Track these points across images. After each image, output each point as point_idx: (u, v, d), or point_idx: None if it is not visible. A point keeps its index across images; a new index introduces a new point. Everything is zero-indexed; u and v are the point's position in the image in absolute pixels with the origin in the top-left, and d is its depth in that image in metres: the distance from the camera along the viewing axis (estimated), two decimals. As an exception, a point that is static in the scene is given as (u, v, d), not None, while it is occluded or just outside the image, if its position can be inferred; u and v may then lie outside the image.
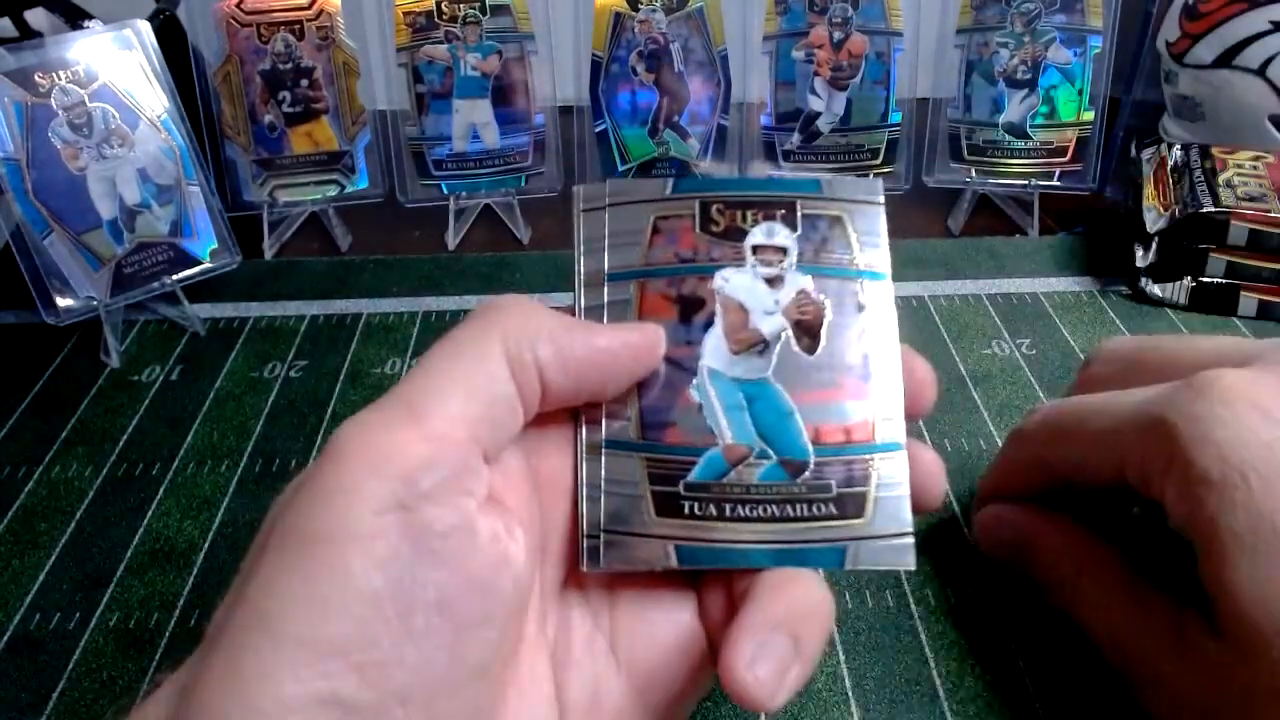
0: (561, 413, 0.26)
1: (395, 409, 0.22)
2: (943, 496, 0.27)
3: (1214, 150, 0.61)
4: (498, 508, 0.23)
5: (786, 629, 0.23)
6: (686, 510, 0.26)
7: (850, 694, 0.36)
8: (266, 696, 0.18)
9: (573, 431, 0.27)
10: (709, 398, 0.27)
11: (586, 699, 0.25)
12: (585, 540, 0.25)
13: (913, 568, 0.26)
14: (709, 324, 0.27)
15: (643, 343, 0.26)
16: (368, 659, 0.19)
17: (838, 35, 0.64)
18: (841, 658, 0.38)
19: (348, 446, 0.21)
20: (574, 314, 0.27)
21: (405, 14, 0.62)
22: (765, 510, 0.26)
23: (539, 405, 0.24)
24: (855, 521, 0.26)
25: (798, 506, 0.26)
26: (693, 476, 0.26)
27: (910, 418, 0.27)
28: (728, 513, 0.26)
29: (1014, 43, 0.64)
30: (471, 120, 0.64)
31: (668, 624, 0.26)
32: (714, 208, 0.28)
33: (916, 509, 0.26)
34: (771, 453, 0.26)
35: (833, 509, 0.26)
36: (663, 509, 0.26)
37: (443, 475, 0.21)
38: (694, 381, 0.27)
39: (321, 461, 0.21)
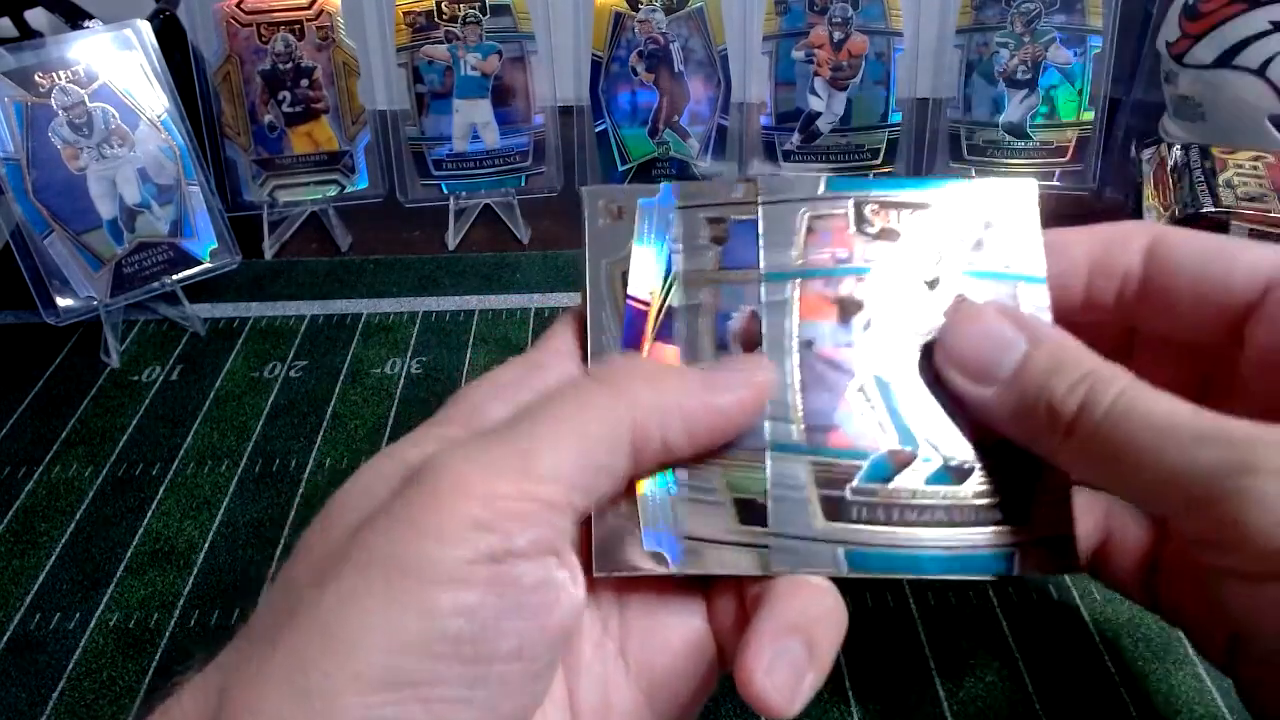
0: None
1: (507, 457, 0.21)
2: None
3: (1214, 150, 0.61)
4: (568, 556, 0.22)
5: (801, 635, 0.23)
6: (854, 515, 0.25)
7: (850, 694, 0.36)
8: (329, 713, 0.18)
9: None
10: (872, 400, 0.26)
11: (597, 703, 0.25)
12: (757, 544, 0.25)
13: (1080, 570, 0.26)
14: (868, 326, 0.27)
15: (757, 401, 0.26)
16: (435, 695, 0.19)
17: (838, 35, 0.64)
18: (841, 658, 0.38)
19: (452, 486, 0.20)
20: (625, 309, 0.27)
21: (405, 14, 0.62)
22: (932, 515, 0.25)
23: (652, 467, 0.25)
24: (1019, 526, 0.25)
25: (963, 512, 0.25)
26: (858, 480, 0.26)
27: None
28: (895, 518, 0.25)
29: (1014, 43, 0.64)
30: (471, 120, 0.64)
31: (677, 628, 0.26)
32: (868, 208, 0.28)
33: None
34: (937, 457, 0.26)
35: (997, 514, 0.26)
36: (830, 513, 0.26)
37: (538, 537, 0.21)
38: (855, 384, 0.27)
39: (420, 492, 0.20)
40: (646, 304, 0.28)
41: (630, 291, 0.28)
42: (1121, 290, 0.28)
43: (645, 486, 0.26)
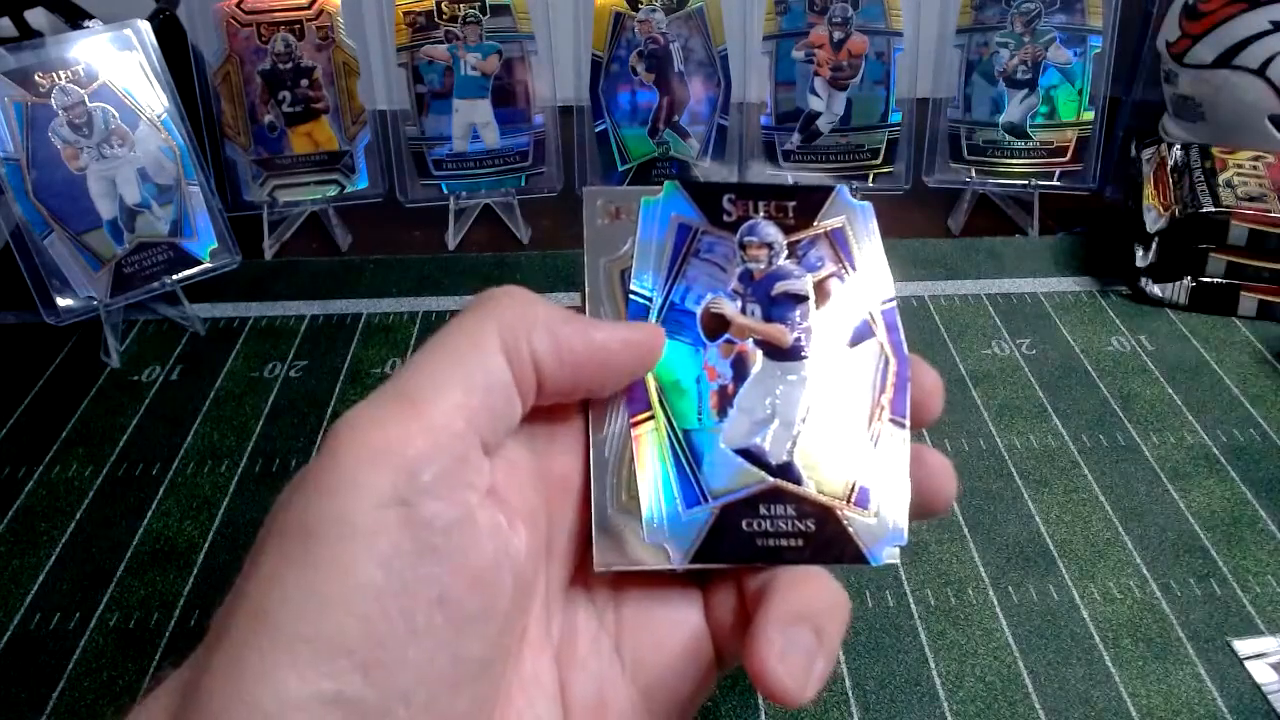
0: (572, 413, 0.26)
1: (392, 401, 0.21)
2: (953, 498, 0.27)
3: (1214, 150, 0.61)
4: (499, 501, 0.22)
5: (810, 623, 0.23)
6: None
7: (850, 694, 0.36)
8: (269, 695, 0.18)
9: (583, 433, 0.27)
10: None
11: (592, 700, 0.24)
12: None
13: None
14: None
15: (642, 340, 0.26)
16: (371, 657, 0.19)
17: (838, 35, 0.64)
18: (841, 658, 0.38)
19: (346, 441, 0.21)
20: None
21: (405, 14, 0.62)
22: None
23: (535, 398, 0.24)
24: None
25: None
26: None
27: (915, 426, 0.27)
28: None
29: (1014, 43, 0.64)
30: (471, 120, 0.64)
31: (674, 625, 0.26)
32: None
33: (928, 512, 0.27)
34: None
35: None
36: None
37: (442, 467, 0.21)
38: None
39: (320, 457, 0.21)
40: (649, 299, 0.28)
41: (633, 287, 0.28)
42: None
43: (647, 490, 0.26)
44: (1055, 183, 0.67)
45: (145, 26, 0.57)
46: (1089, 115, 0.65)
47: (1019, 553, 0.42)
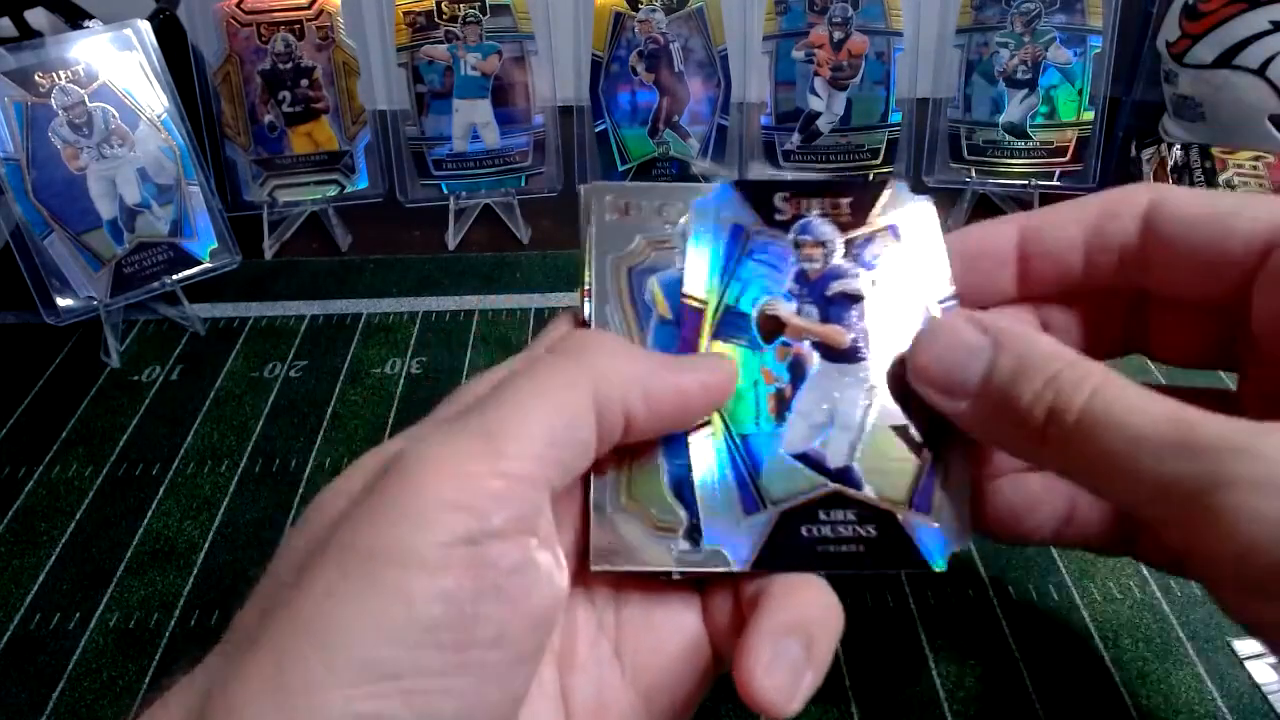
0: None
1: (475, 438, 0.21)
2: None
3: (1214, 150, 0.61)
4: (550, 541, 0.22)
5: (799, 634, 0.23)
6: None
7: (850, 694, 0.36)
8: (311, 709, 0.18)
9: None
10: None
11: (592, 703, 0.25)
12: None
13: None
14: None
15: (720, 383, 0.26)
16: (417, 686, 0.19)
17: (838, 35, 0.64)
18: (841, 658, 0.38)
19: (422, 471, 0.20)
20: None
21: (405, 14, 0.62)
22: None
23: (618, 442, 0.24)
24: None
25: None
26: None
27: None
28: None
29: (1014, 43, 0.64)
30: (471, 120, 0.64)
31: (673, 629, 0.26)
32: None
33: None
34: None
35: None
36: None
37: (514, 513, 0.21)
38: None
39: (391, 481, 0.21)
40: (703, 302, 0.27)
41: (686, 290, 0.28)
42: (1122, 260, 0.28)
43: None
44: (1055, 183, 0.66)
45: (145, 26, 0.57)
46: (1089, 115, 0.65)
47: (1019, 553, 0.42)
